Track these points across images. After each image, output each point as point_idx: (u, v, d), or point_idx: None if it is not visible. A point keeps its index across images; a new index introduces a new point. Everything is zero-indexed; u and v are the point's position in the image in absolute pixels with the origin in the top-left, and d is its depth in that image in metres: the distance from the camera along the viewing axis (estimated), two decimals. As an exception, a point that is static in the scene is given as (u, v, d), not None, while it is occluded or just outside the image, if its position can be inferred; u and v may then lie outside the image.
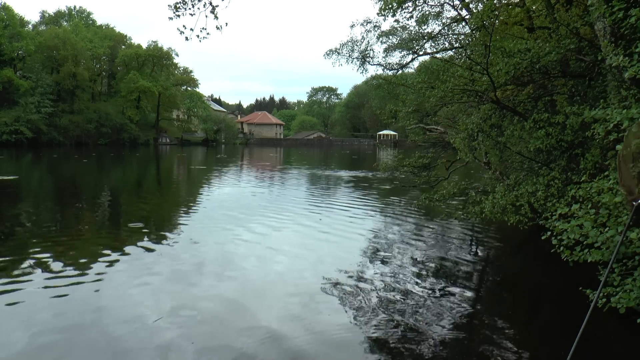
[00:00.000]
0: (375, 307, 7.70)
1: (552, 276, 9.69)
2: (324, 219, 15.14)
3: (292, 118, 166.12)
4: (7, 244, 12.02)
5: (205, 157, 59.45)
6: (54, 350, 6.14)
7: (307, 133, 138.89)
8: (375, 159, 53.56)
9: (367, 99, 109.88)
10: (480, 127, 10.23)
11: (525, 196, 9.23)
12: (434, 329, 6.86)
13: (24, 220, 15.22)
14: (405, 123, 16.67)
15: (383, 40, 16.00)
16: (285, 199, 20.44)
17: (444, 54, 15.47)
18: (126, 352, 6.10)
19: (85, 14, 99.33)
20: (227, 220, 14.89)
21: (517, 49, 9.09)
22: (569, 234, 6.07)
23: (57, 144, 74.66)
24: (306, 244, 12.12)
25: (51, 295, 8.13)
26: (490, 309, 8.18)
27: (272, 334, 6.71)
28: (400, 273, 9.61)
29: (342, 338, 6.61)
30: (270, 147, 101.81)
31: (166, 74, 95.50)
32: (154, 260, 10.23)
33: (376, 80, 18.41)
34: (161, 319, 7.06)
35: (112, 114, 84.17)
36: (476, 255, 11.50)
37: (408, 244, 12.02)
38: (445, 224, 14.41)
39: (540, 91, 10.66)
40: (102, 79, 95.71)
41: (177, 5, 8.76)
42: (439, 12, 14.27)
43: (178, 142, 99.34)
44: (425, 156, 15.75)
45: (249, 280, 9.15)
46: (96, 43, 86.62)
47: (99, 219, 15.69)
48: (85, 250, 11.22)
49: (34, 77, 75.24)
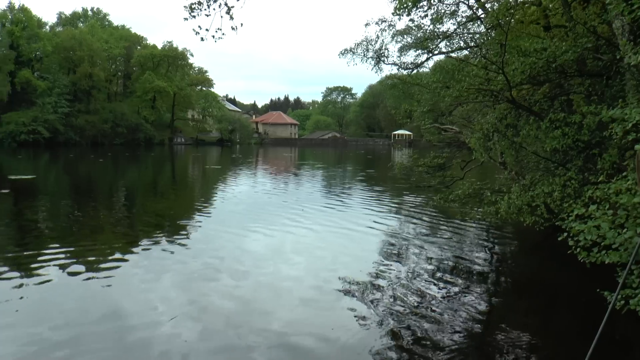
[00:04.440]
0: (391, 307, 7.66)
1: (568, 277, 9.59)
2: (338, 220, 15.09)
3: (306, 118, 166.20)
4: (25, 241, 12.19)
5: (220, 157, 59.67)
6: (71, 345, 6.20)
7: (321, 133, 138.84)
8: (390, 159, 53.42)
9: (382, 98, 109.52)
10: (495, 126, 10.13)
11: (541, 196, 9.12)
12: (449, 331, 6.81)
13: (42, 219, 15.40)
14: (420, 123, 16.57)
15: (398, 40, 15.91)
16: (300, 198, 20.43)
17: (459, 53, 15.38)
18: (141, 350, 6.14)
19: (102, 15, 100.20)
20: (243, 219, 14.92)
21: (533, 48, 8.99)
22: (586, 235, 5.97)
23: (74, 143, 75.37)
24: (321, 243, 12.11)
25: (67, 292, 8.23)
26: (506, 310, 8.10)
27: (287, 334, 6.71)
28: (416, 273, 9.57)
29: (357, 339, 6.57)
30: (285, 147, 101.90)
31: (181, 74, 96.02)
32: (169, 259, 10.29)
33: (391, 79, 18.31)
34: (176, 318, 7.09)
35: (127, 114, 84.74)
36: (492, 255, 11.41)
37: (423, 245, 11.95)
38: (461, 225, 14.31)
39: (557, 90, 10.54)
40: (118, 79, 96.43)
41: (193, 6, 8.76)
42: (454, 11, 14.18)
43: (193, 142, 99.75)
44: (440, 156, 15.64)
45: (264, 279, 9.16)
46: (112, 44, 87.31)
47: (115, 218, 15.78)
48: (101, 249, 11.31)
49: (51, 78, 76.11)
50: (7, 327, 6.74)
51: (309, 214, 16.17)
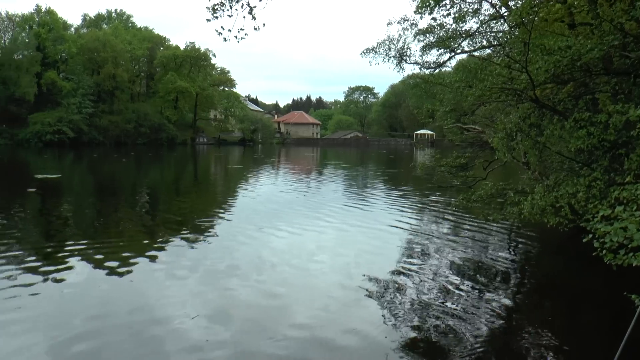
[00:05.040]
0: (413, 308, 7.61)
1: (594, 280, 9.43)
2: (361, 219, 15.04)
3: (328, 118, 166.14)
4: (51, 238, 12.49)
5: (242, 157, 59.97)
6: (94, 339, 6.32)
7: (343, 133, 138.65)
8: (412, 159, 53.20)
9: (404, 98, 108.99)
10: (518, 126, 9.99)
11: (565, 197, 8.96)
12: (471, 332, 6.73)
13: (67, 217, 15.65)
14: (443, 122, 16.45)
15: (420, 39, 15.77)
16: (322, 198, 20.43)
17: (482, 52, 15.20)
18: (164, 347, 6.20)
19: (125, 16, 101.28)
20: (265, 218, 14.96)
21: (557, 46, 8.85)
22: (612, 236, 5.84)
23: (97, 143, 76.31)
24: (344, 242, 12.11)
25: (91, 288, 8.37)
26: (530, 311, 7.99)
27: (310, 332, 6.74)
28: (439, 272, 9.51)
29: (380, 337, 6.57)
30: (306, 147, 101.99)
31: (203, 75, 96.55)
32: (192, 258, 10.37)
33: (413, 79, 18.16)
34: (199, 316, 7.13)
35: (150, 114, 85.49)
36: (515, 257, 11.29)
37: (446, 245, 11.86)
38: (484, 225, 14.18)
39: (582, 89, 10.36)
40: (141, 79, 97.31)
41: (215, 7, 8.76)
42: (476, 9, 14.02)
43: (215, 141, 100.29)
44: (463, 156, 15.50)
45: (287, 278, 9.20)
46: (135, 45, 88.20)
47: (138, 217, 15.94)
48: (124, 246, 11.46)
49: (75, 79, 77.22)
50: (34, 319, 6.92)
51: (332, 213, 16.18)
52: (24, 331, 6.60)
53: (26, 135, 70.08)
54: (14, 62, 73.55)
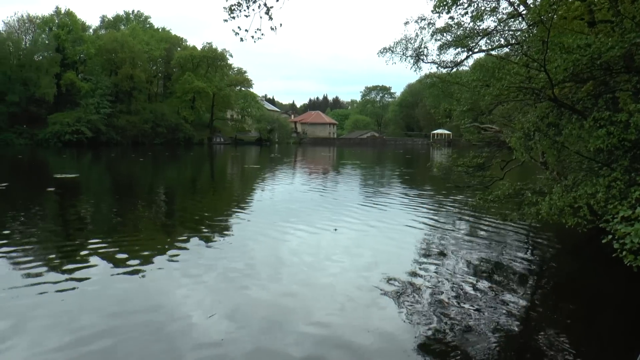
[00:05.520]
0: (429, 309, 7.56)
1: (613, 281, 9.30)
2: (378, 218, 14.98)
3: (345, 117, 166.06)
4: (70, 236, 12.63)
5: (259, 157, 60.12)
6: (110, 337, 6.37)
7: (360, 132, 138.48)
8: (429, 159, 52.96)
9: (420, 97, 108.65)
10: (537, 125, 9.87)
11: (584, 197, 8.84)
12: (488, 334, 6.66)
13: (85, 215, 15.80)
14: (460, 122, 16.31)
15: (437, 38, 15.66)
16: (339, 197, 20.39)
17: (500, 51, 15.06)
18: (179, 346, 6.21)
19: (143, 17, 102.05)
20: (282, 218, 14.96)
21: (576, 44, 8.73)
22: (633, 237, 5.74)
23: (115, 143, 77.02)
24: (361, 242, 12.07)
25: (108, 286, 8.44)
26: (547, 313, 7.89)
27: (326, 332, 6.72)
28: (455, 273, 9.44)
29: (396, 338, 6.54)
30: (323, 147, 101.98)
31: (220, 75, 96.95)
32: (208, 257, 10.41)
33: (430, 78, 18.04)
34: (214, 316, 7.14)
35: (167, 114, 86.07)
36: (532, 258, 11.17)
37: (462, 245, 11.78)
38: (501, 226, 14.06)
39: (601, 88, 10.21)
40: (158, 80, 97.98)
41: (232, 8, 8.78)
42: (494, 7, 13.88)
43: (232, 141, 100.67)
44: (480, 156, 15.38)
45: (304, 277, 9.20)
46: (153, 46, 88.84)
47: (155, 216, 16.04)
48: (141, 245, 11.55)
49: (94, 79, 78.06)
50: (53, 316, 7.04)
51: (348, 213, 16.16)
52: (43, 327, 6.70)
53: (46, 135, 70.99)
54: (34, 63, 74.59)
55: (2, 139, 67.91)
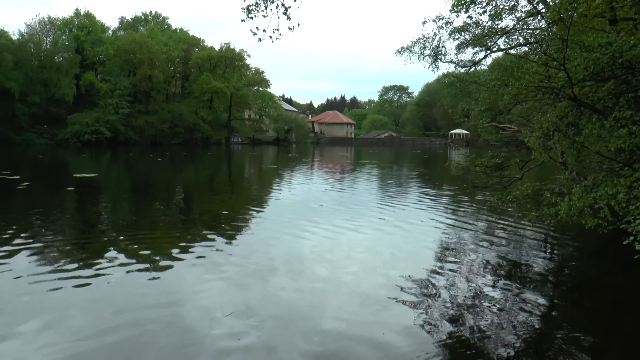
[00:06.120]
0: (446, 311, 7.48)
1: (635, 283, 9.15)
2: (396, 217, 14.92)
3: (362, 117, 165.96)
4: (88, 235, 12.77)
5: (276, 156, 60.26)
6: (128, 332, 6.43)
7: (377, 132, 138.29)
8: (447, 159, 52.69)
9: (438, 97, 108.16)
10: (556, 125, 9.75)
11: (604, 198, 8.70)
12: (505, 338, 6.57)
13: (103, 215, 15.96)
14: (478, 122, 16.18)
15: (455, 37, 15.55)
16: (356, 198, 20.33)
17: (518, 49, 14.91)
18: (195, 345, 6.21)
19: (161, 18, 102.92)
20: (298, 219, 14.92)
21: (597, 42, 8.60)
22: (655, 239, 5.65)
23: (133, 143, 77.80)
24: (377, 244, 12.00)
25: (126, 283, 8.52)
26: (567, 315, 7.78)
27: (344, 330, 6.69)
28: (474, 273, 9.36)
29: (415, 337, 6.49)
30: (340, 147, 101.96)
31: (238, 75, 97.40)
32: (226, 256, 10.42)
33: (448, 78, 17.94)
34: (231, 315, 7.14)
35: (185, 114, 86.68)
36: (552, 258, 11.04)
37: (480, 246, 11.67)
38: (519, 226, 13.93)
39: (623, 87, 10.05)
40: (176, 80, 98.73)
41: (250, 8, 8.79)
42: (513, 6, 13.74)
43: (249, 141, 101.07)
44: (498, 156, 15.24)
45: (320, 277, 9.15)
46: (171, 46, 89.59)
47: (172, 216, 16.12)
48: (159, 244, 11.62)
49: (112, 80, 78.95)
50: (72, 309, 7.17)
51: (366, 212, 16.14)
52: (61, 319, 6.83)
53: (65, 135, 71.97)
54: (55, 64, 75.72)
55: (24, 139, 68.93)
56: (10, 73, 68.46)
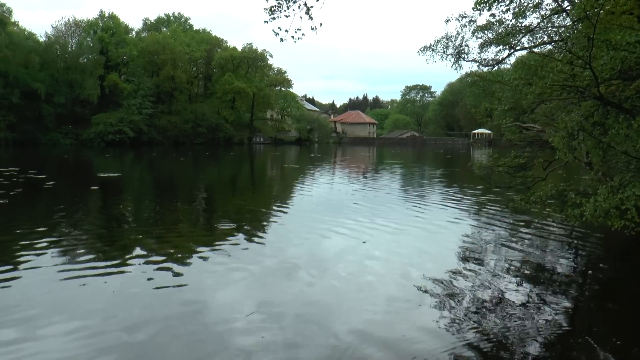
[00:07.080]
0: (468, 314, 7.39)
1: (662, 286, 8.96)
2: (417, 218, 14.82)
3: (385, 117, 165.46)
4: (112, 233, 12.99)
5: (298, 156, 60.35)
6: (148, 330, 6.51)
7: (400, 132, 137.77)
8: (470, 159, 52.27)
9: (461, 96, 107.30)
10: (581, 125, 9.58)
11: (632, 199, 8.53)
12: (528, 342, 6.47)
13: (127, 213, 16.16)
14: (501, 121, 15.98)
15: (478, 35, 15.37)
16: (378, 198, 20.24)
17: (543, 48, 14.69)
18: (218, 343, 6.25)
19: (183, 19, 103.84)
20: (320, 219, 14.91)
21: (625, 41, 8.43)
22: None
23: (156, 143, 78.64)
24: (400, 244, 11.92)
25: (149, 281, 8.60)
26: (592, 318, 7.65)
27: (365, 331, 6.66)
28: (495, 278, 9.22)
29: (436, 339, 6.43)
30: (363, 146, 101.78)
31: (260, 75, 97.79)
32: (248, 256, 10.46)
33: (471, 77, 17.74)
34: (253, 314, 7.15)
35: (208, 114, 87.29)
36: (576, 260, 10.87)
37: (503, 248, 11.53)
38: (543, 227, 13.74)
39: (651, 86, 9.85)
40: (199, 81, 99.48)
41: (273, 8, 8.79)
42: (537, 3, 13.54)
43: (271, 141, 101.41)
44: (522, 156, 15.03)
45: (342, 277, 9.12)
46: (193, 47, 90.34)
47: (195, 215, 16.23)
48: (181, 243, 11.73)
49: (136, 81, 79.98)
50: (95, 311, 7.17)
51: (388, 212, 16.11)
52: (87, 315, 6.94)
53: (90, 135, 73.06)
54: (80, 65, 76.86)
55: (49, 139, 70.16)
56: (37, 74, 69.71)
